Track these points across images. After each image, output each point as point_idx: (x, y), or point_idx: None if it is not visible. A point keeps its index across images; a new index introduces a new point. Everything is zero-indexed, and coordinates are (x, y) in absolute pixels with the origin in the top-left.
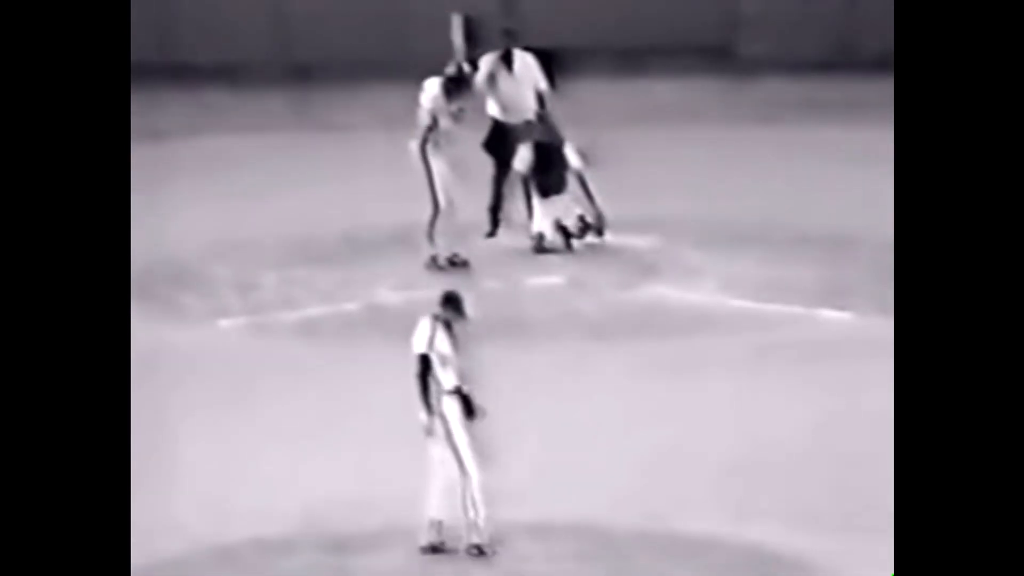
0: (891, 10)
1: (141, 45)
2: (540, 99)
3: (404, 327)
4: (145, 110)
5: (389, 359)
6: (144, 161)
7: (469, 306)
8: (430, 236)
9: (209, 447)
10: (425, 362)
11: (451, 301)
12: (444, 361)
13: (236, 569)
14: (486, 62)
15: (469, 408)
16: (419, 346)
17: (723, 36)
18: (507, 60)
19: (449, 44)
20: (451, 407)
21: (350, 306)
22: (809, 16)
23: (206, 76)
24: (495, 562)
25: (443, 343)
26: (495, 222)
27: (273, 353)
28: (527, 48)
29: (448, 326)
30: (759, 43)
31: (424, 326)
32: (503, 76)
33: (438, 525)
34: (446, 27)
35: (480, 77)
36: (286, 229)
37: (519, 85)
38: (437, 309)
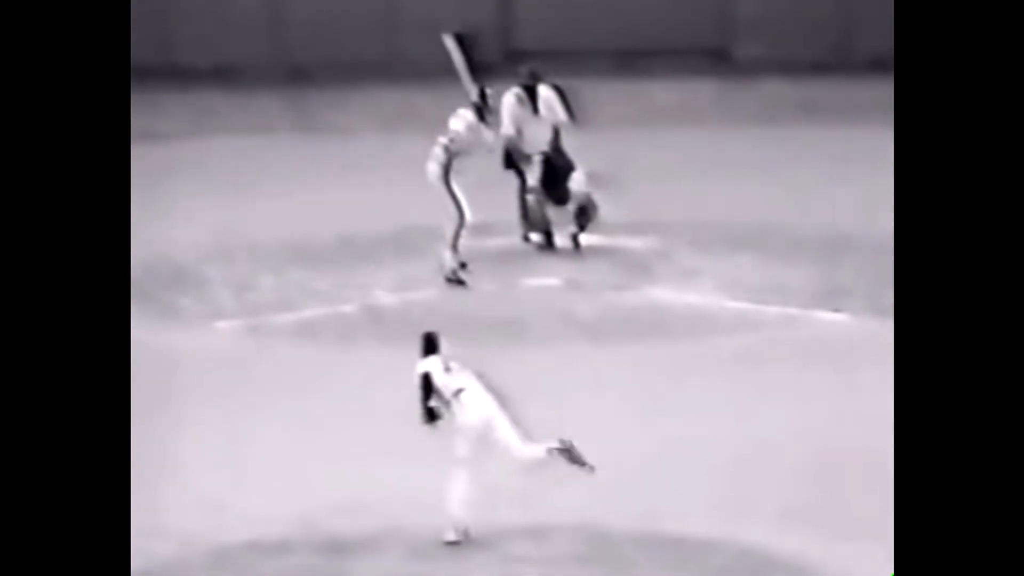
0: (886, 12)
1: (141, 48)
2: (555, 132)
3: (401, 329)
4: (144, 112)
5: (386, 361)
6: (143, 163)
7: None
8: (454, 247)
9: (206, 449)
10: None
11: (431, 343)
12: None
13: (232, 571)
14: (511, 98)
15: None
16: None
17: (720, 38)
18: (531, 98)
19: (443, 47)
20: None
21: (347, 308)
22: (805, 19)
23: (204, 79)
24: (494, 562)
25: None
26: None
27: (270, 355)
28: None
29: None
30: (756, 45)
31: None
32: (526, 116)
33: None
34: (441, 30)
35: (506, 116)
36: (283, 231)
37: (540, 123)
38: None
